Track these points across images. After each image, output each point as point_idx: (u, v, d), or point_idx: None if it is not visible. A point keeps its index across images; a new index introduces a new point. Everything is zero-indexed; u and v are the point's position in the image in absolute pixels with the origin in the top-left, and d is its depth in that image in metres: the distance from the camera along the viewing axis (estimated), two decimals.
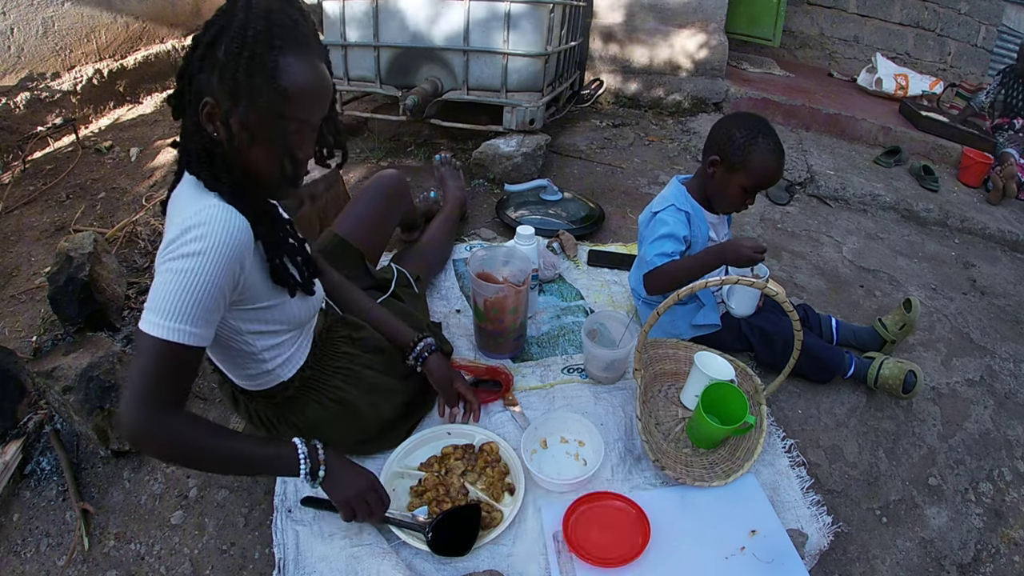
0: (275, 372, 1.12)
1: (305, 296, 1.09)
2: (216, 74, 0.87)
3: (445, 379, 1.33)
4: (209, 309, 0.88)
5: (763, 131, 1.41)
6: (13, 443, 1.28)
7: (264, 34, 0.86)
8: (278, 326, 1.07)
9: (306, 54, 0.90)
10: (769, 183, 1.45)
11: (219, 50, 0.87)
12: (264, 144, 0.91)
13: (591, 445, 1.32)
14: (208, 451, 0.93)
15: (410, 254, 1.78)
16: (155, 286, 0.87)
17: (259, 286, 1.00)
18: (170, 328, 0.85)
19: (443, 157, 2.24)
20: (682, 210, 1.49)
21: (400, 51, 2.53)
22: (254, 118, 0.88)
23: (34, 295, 1.74)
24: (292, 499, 1.17)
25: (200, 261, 0.85)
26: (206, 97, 0.88)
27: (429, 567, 1.10)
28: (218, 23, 0.88)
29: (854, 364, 1.58)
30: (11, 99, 2.48)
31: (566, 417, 1.37)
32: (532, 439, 1.32)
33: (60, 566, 1.13)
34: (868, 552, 1.28)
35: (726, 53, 3.52)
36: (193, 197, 0.92)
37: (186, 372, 0.91)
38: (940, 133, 3.58)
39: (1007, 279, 2.45)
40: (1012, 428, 1.65)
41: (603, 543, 1.12)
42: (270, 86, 0.86)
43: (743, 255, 1.36)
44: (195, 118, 0.91)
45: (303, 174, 0.99)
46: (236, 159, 0.93)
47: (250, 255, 0.94)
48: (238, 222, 0.89)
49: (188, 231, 0.86)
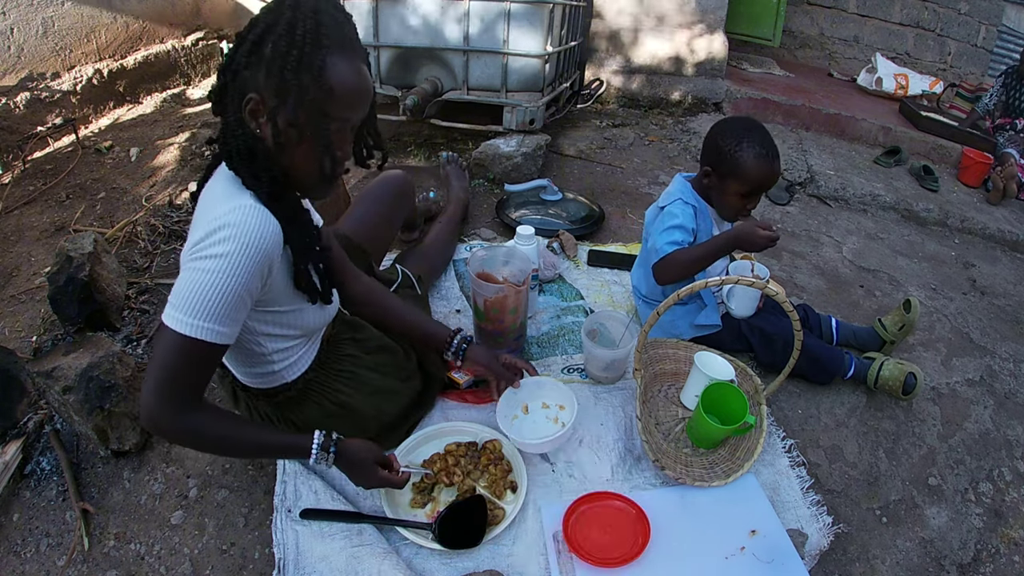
0: (280, 373, 1.13)
1: (323, 305, 1.09)
2: (262, 71, 0.88)
3: (491, 360, 1.34)
4: (235, 308, 0.89)
5: (749, 136, 1.40)
6: (13, 443, 1.28)
7: (313, 33, 0.87)
8: (292, 331, 1.08)
9: (351, 55, 0.91)
10: (765, 185, 1.43)
11: (266, 47, 0.87)
12: (307, 142, 0.92)
13: (571, 410, 1.34)
14: (225, 440, 0.97)
15: (413, 255, 1.78)
16: (181, 281, 0.87)
17: (282, 290, 1.01)
18: (195, 326, 0.86)
19: (449, 156, 2.24)
20: (689, 204, 1.50)
21: (400, 51, 2.53)
22: (300, 116, 0.89)
23: (34, 295, 1.74)
24: (292, 499, 1.17)
25: (228, 262, 0.86)
26: (250, 93, 0.89)
27: (430, 566, 1.10)
28: (264, 21, 0.89)
29: (854, 365, 1.58)
30: (11, 99, 2.48)
31: (543, 383, 1.39)
32: (513, 404, 1.35)
33: (60, 566, 1.13)
34: (868, 552, 1.28)
35: (726, 53, 3.53)
36: (227, 194, 0.92)
37: (207, 367, 0.93)
38: (940, 133, 3.58)
39: (1007, 279, 2.45)
40: (1012, 428, 1.65)
41: (603, 543, 1.12)
42: (316, 84, 0.88)
43: (757, 241, 1.35)
44: (238, 114, 0.91)
45: (341, 174, 1.00)
46: (278, 156, 0.94)
47: (278, 258, 0.95)
48: (270, 224, 0.90)
49: (219, 230, 0.86)
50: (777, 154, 1.42)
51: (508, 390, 1.34)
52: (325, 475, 1.23)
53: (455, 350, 1.32)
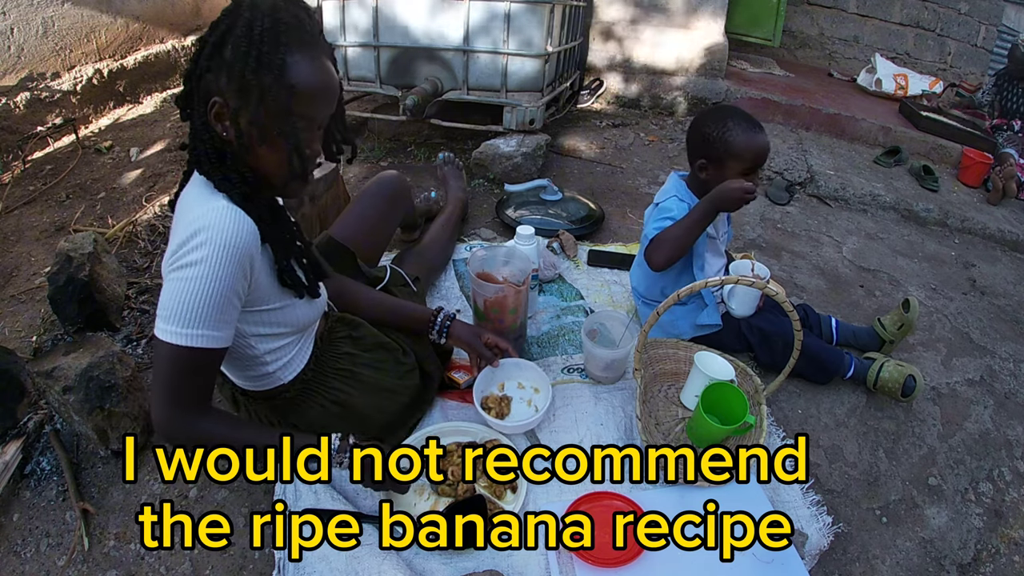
0: (276, 374, 1.13)
1: (311, 299, 1.10)
2: (224, 73, 0.87)
3: (473, 337, 1.37)
4: (223, 309, 0.89)
5: (730, 115, 1.42)
6: (13, 443, 1.28)
7: (271, 32, 0.86)
8: (282, 329, 1.07)
9: (313, 52, 0.90)
10: (760, 158, 1.43)
11: (226, 50, 0.87)
12: (273, 142, 0.91)
13: (545, 393, 1.39)
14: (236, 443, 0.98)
15: (411, 255, 1.78)
16: (166, 293, 0.88)
17: (267, 288, 1.00)
18: (187, 335, 0.87)
19: (446, 156, 2.25)
20: (684, 201, 1.50)
21: (400, 51, 2.53)
22: (263, 116, 0.88)
23: (34, 295, 1.74)
24: (292, 499, 1.17)
25: (207, 267, 0.86)
26: (214, 97, 0.89)
27: (430, 566, 1.10)
28: (224, 23, 0.89)
29: (854, 365, 1.58)
30: (11, 99, 2.48)
31: (522, 363, 1.45)
32: (490, 382, 1.42)
33: (60, 566, 1.13)
34: (868, 552, 1.28)
35: (726, 53, 3.52)
36: (201, 198, 0.92)
37: (207, 372, 0.93)
38: (940, 133, 3.58)
39: (1007, 279, 2.45)
40: (1012, 428, 1.65)
41: (603, 543, 1.12)
42: (278, 83, 0.87)
43: (732, 197, 1.36)
44: (204, 118, 0.91)
45: (312, 170, 1.00)
46: (246, 158, 0.93)
47: (258, 256, 0.95)
48: (244, 224, 0.90)
49: (193, 236, 0.86)
50: (762, 127, 1.43)
51: (487, 368, 1.38)
52: None
53: (439, 328, 1.36)
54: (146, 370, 1.49)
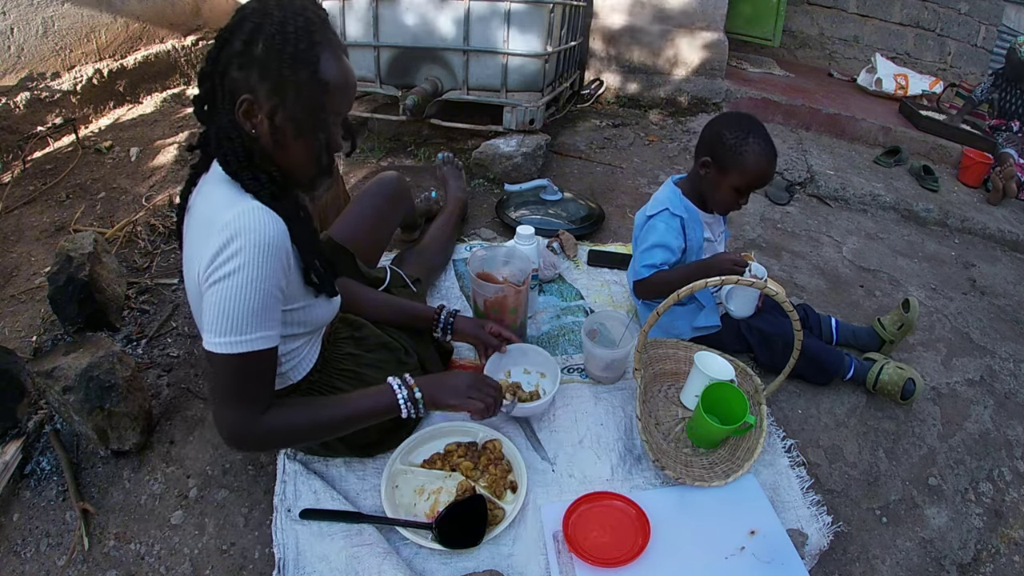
0: (287, 375, 1.13)
1: (328, 298, 1.10)
2: (255, 71, 0.88)
3: (477, 328, 1.42)
4: (271, 308, 0.92)
5: (754, 131, 1.41)
6: (13, 443, 1.28)
7: (304, 30, 0.88)
8: (301, 329, 1.08)
9: (339, 50, 0.93)
10: (761, 183, 1.45)
11: (256, 47, 0.88)
12: (305, 137, 0.93)
13: (552, 378, 1.40)
14: (313, 427, 1.02)
15: (411, 255, 1.78)
16: (211, 306, 0.88)
17: (295, 287, 1.01)
18: (242, 341, 0.89)
19: (445, 156, 2.25)
20: (676, 215, 1.50)
21: (400, 51, 2.53)
22: (299, 111, 0.90)
23: (34, 295, 1.74)
24: (292, 499, 1.17)
25: (248, 271, 0.87)
26: (244, 95, 0.89)
27: (430, 566, 1.10)
28: (251, 21, 0.89)
29: (853, 366, 1.58)
30: (11, 99, 2.48)
31: (527, 349, 1.48)
32: (497, 369, 1.43)
33: (60, 566, 1.13)
34: (868, 552, 1.28)
35: (726, 53, 3.52)
36: (229, 200, 0.91)
37: (268, 370, 0.96)
38: (940, 133, 3.58)
39: (1007, 279, 2.45)
40: (1012, 428, 1.65)
41: (603, 543, 1.12)
42: (313, 79, 0.89)
43: (723, 268, 1.39)
44: (230, 116, 0.91)
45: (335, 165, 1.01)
46: (275, 155, 0.94)
47: (291, 254, 0.96)
48: (276, 225, 0.90)
49: (229, 243, 0.86)
50: (776, 154, 1.44)
51: (495, 355, 1.41)
52: (325, 475, 1.23)
53: (443, 324, 1.39)
54: (146, 370, 1.49)
